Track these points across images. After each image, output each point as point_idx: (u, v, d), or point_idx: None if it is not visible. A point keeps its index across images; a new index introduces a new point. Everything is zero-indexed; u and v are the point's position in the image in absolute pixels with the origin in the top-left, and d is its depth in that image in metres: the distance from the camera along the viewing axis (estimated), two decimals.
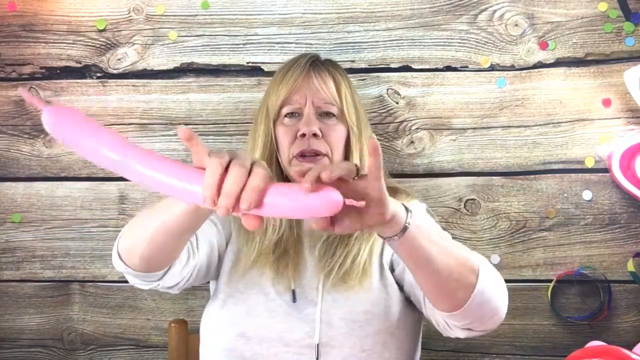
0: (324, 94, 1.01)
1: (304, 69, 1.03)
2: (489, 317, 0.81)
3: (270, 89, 1.06)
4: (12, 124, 1.38)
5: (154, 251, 0.82)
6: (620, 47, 1.29)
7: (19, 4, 1.37)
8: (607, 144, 1.28)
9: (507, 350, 1.31)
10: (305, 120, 0.99)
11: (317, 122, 1.00)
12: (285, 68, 1.06)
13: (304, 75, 1.02)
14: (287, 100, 1.02)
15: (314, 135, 0.98)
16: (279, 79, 1.05)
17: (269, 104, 1.04)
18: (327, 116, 1.02)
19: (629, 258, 1.28)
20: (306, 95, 1.01)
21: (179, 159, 1.35)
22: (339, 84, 1.04)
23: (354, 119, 1.03)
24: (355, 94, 1.08)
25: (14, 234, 1.37)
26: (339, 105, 1.02)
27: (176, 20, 1.35)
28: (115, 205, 1.36)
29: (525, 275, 1.30)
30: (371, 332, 0.92)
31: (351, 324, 0.92)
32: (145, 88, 1.36)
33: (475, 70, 1.31)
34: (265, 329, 0.93)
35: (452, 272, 0.75)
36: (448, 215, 1.31)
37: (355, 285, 0.94)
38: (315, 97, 1.01)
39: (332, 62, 1.11)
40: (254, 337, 0.93)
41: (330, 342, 0.91)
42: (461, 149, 1.32)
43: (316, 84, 1.02)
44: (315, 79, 1.02)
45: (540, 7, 1.30)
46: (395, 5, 1.33)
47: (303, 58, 1.06)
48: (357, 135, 1.02)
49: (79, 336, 1.36)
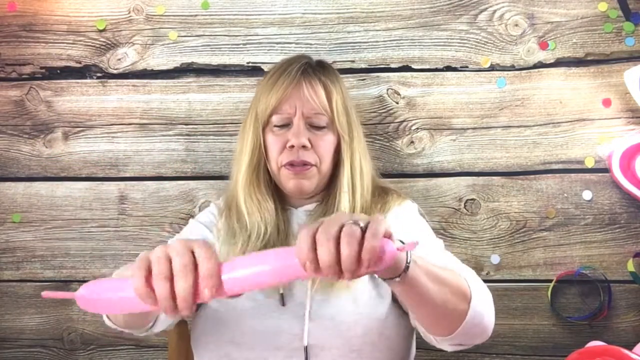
0: (314, 104, 1.00)
1: (294, 78, 1.01)
2: (478, 335, 0.83)
3: (260, 94, 1.04)
4: (12, 124, 1.38)
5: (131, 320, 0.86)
6: (620, 47, 1.29)
7: (19, 4, 1.37)
8: (607, 144, 1.28)
9: (507, 350, 1.31)
10: (294, 132, 0.99)
11: (307, 133, 1.00)
12: (276, 74, 1.04)
13: (294, 84, 1.01)
14: (277, 109, 1.01)
15: (303, 146, 0.99)
16: (269, 85, 1.03)
17: (259, 110, 1.03)
18: (317, 126, 1.01)
19: (629, 258, 1.28)
20: (296, 105, 1.00)
21: (178, 159, 1.35)
22: (330, 92, 1.02)
23: (345, 127, 1.03)
24: (348, 98, 1.07)
25: (14, 234, 1.37)
26: (330, 114, 1.01)
27: (176, 20, 1.35)
28: (115, 205, 1.36)
29: (525, 275, 1.30)
30: (360, 332, 0.91)
31: (339, 325, 0.91)
32: (145, 88, 1.36)
33: (475, 70, 1.31)
34: (255, 334, 0.93)
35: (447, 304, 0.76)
36: (448, 215, 1.31)
37: (342, 287, 0.94)
38: (305, 107, 1.00)
39: (324, 66, 1.08)
40: (243, 343, 0.93)
41: (319, 344, 0.91)
42: (461, 149, 1.32)
43: (306, 94, 1.00)
44: (305, 88, 1.00)
45: (540, 7, 1.30)
46: (395, 5, 1.33)
47: (295, 64, 1.04)
48: (348, 142, 1.02)
49: (79, 336, 1.36)
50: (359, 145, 1.05)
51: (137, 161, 1.36)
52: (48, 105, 1.37)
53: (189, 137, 1.35)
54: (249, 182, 1.02)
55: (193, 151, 1.35)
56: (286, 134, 1.00)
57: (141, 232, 1.35)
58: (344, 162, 1.02)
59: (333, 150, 1.03)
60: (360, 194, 1.02)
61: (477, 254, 1.31)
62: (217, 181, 1.34)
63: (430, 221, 1.12)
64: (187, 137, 1.35)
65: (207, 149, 1.35)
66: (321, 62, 1.09)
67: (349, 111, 1.05)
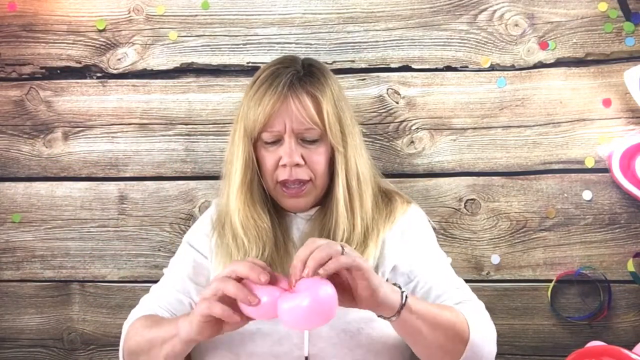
0: (303, 120, 0.97)
1: (281, 93, 0.97)
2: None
3: (247, 107, 1.00)
4: (12, 124, 1.38)
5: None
6: (620, 47, 1.29)
7: (19, 4, 1.37)
8: (607, 144, 1.28)
9: (507, 350, 1.31)
10: (285, 151, 0.97)
11: (299, 150, 0.98)
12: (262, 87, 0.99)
13: (281, 100, 0.97)
14: (266, 126, 0.98)
15: (296, 164, 0.97)
16: (256, 99, 0.99)
17: (247, 125, 1.00)
18: (309, 140, 0.99)
19: (629, 258, 1.28)
20: (285, 122, 0.97)
21: (178, 159, 1.35)
22: (319, 103, 0.98)
23: (339, 136, 0.99)
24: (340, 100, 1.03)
25: (14, 234, 1.37)
26: (321, 126, 0.98)
27: (176, 20, 1.35)
28: (115, 205, 1.36)
29: (525, 275, 1.30)
30: (363, 341, 0.90)
31: (342, 334, 0.90)
32: (145, 88, 1.36)
33: (475, 70, 1.31)
34: (255, 345, 0.92)
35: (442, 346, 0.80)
36: (448, 215, 1.31)
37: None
38: (294, 123, 0.97)
39: (312, 73, 1.02)
40: (243, 354, 0.92)
41: (320, 354, 0.90)
42: (461, 149, 1.31)
43: (294, 110, 0.96)
44: (293, 104, 0.97)
45: (540, 7, 1.30)
46: (395, 5, 1.33)
47: (281, 76, 0.99)
48: (342, 153, 1.00)
49: (79, 336, 1.36)
50: (355, 152, 1.02)
51: (137, 161, 1.36)
52: (48, 105, 1.37)
53: (189, 137, 1.35)
54: (243, 202, 0.99)
55: (193, 151, 1.35)
56: (278, 150, 0.99)
57: (141, 232, 1.35)
58: (338, 173, 1.00)
59: (327, 162, 1.01)
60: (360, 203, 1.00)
61: (477, 254, 1.30)
62: (217, 181, 1.33)
63: (430, 221, 1.12)
64: (187, 137, 1.35)
65: (207, 149, 1.35)
66: (310, 68, 1.03)
67: (342, 118, 1.01)
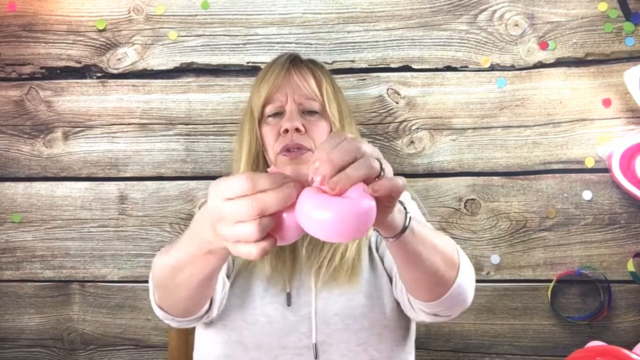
0: (304, 90, 1.02)
1: (283, 67, 1.03)
2: (459, 306, 0.84)
3: (253, 90, 1.06)
4: (12, 124, 1.38)
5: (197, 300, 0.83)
6: (620, 47, 1.29)
7: (19, 4, 1.37)
8: (607, 144, 1.28)
9: (507, 350, 1.31)
10: (287, 117, 1.00)
11: (300, 118, 1.00)
12: (265, 68, 1.07)
13: (284, 73, 1.03)
14: (269, 99, 1.02)
15: (297, 130, 0.99)
16: (259, 79, 1.05)
17: (253, 105, 1.05)
18: (309, 113, 1.02)
19: (629, 258, 1.28)
20: (287, 92, 1.02)
21: (178, 159, 1.35)
22: (320, 80, 1.04)
23: (336, 114, 1.03)
24: (338, 91, 1.08)
25: (14, 234, 1.37)
26: (321, 100, 1.02)
27: (176, 20, 1.35)
28: (115, 205, 1.36)
29: (525, 275, 1.30)
30: (366, 325, 0.93)
31: (346, 319, 0.93)
32: (145, 88, 1.36)
33: (475, 70, 1.31)
34: (263, 335, 0.93)
35: (438, 270, 0.77)
36: (448, 215, 1.31)
37: (345, 282, 0.95)
38: (296, 93, 1.02)
39: (313, 60, 1.10)
40: (250, 343, 0.93)
41: (327, 340, 0.92)
42: (461, 149, 1.32)
43: (296, 81, 1.02)
44: (295, 76, 1.03)
45: (540, 7, 1.30)
46: (395, 5, 1.33)
47: (283, 56, 1.07)
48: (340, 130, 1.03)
49: (79, 336, 1.36)
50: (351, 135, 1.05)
51: (137, 161, 1.36)
52: (48, 105, 1.37)
53: (189, 137, 1.35)
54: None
55: (193, 151, 1.35)
56: (280, 122, 1.01)
57: (141, 232, 1.35)
58: None
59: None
60: None
61: (477, 254, 1.31)
62: None
63: (430, 221, 1.12)
64: (187, 137, 1.35)
65: (207, 149, 1.35)
66: (310, 60, 1.11)
67: (340, 102, 1.06)
